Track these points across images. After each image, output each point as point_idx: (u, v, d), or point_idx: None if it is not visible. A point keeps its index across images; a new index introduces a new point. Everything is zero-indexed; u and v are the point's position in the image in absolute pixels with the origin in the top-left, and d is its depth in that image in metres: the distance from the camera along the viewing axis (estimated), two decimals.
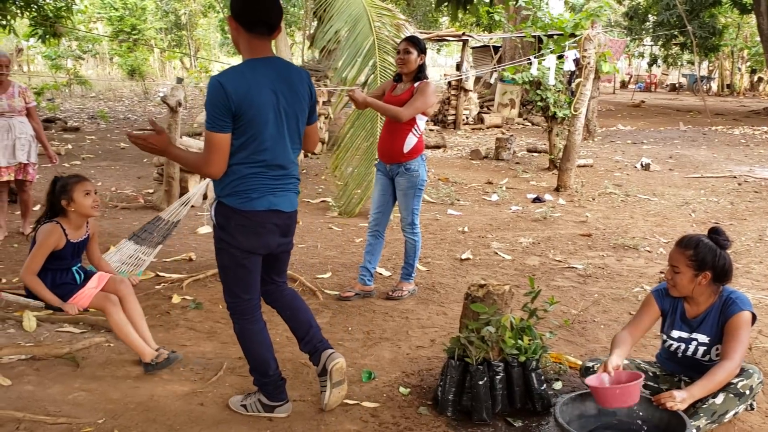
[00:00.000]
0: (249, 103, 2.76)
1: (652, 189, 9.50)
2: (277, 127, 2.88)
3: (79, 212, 3.63)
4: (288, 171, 2.98)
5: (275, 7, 2.88)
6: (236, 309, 3.09)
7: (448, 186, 9.45)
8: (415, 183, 4.74)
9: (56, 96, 21.88)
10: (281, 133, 2.90)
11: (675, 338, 3.17)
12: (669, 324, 3.21)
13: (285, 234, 3.09)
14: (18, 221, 6.48)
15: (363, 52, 6.94)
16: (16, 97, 5.94)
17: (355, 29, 6.95)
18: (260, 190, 2.88)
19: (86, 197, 3.62)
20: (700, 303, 3.10)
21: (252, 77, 2.79)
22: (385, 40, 7.08)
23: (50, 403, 3.25)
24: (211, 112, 2.75)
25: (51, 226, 3.61)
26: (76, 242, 3.69)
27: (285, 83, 2.89)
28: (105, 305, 3.60)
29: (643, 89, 34.93)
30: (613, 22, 32.62)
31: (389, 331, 4.37)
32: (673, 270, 3.07)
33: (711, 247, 3.00)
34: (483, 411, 3.17)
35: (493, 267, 5.81)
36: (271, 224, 2.95)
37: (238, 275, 3.01)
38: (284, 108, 2.89)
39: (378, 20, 7.17)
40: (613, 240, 6.69)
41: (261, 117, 2.81)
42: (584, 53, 8.95)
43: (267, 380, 3.16)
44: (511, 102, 18.84)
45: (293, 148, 2.99)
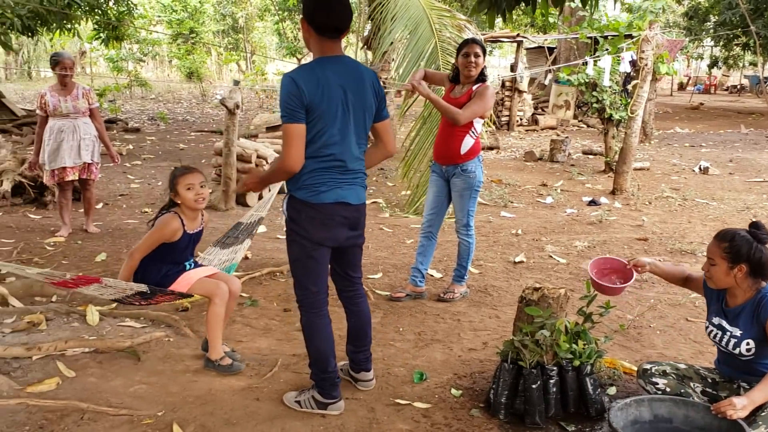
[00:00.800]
0: (319, 98, 2.89)
1: (711, 193, 9.26)
2: (345, 122, 3.00)
3: (186, 205, 3.63)
4: (354, 165, 3.09)
5: (345, 12, 3.00)
6: (305, 301, 3.19)
7: (502, 188, 9.39)
8: (472, 184, 4.73)
9: (117, 97, 22.52)
10: (348, 129, 3.02)
11: (715, 325, 3.16)
12: (712, 311, 3.21)
13: (354, 227, 3.19)
14: (81, 218, 6.71)
15: (426, 55, 6.93)
16: (80, 99, 6.15)
17: (416, 32, 6.94)
18: (328, 183, 3.00)
19: (188, 191, 3.60)
20: (737, 296, 3.08)
21: (322, 74, 2.92)
22: (447, 42, 7.06)
23: (112, 395, 3.36)
24: (287, 106, 2.87)
25: (170, 216, 3.60)
26: (193, 233, 3.69)
27: (353, 80, 3.01)
28: (214, 292, 3.59)
29: (702, 91, 34.01)
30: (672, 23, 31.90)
31: (441, 332, 4.38)
32: (709, 263, 3.06)
33: (747, 240, 2.96)
34: (536, 415, 3.16)
35: (547, 270, 5.76)
36: (340, 216, 3.07)
37: (308, 267, 3.12)
38: (352, 104, 3.01)
39: (438, 22, 7.16)
40: (670, 245, 6.56)
41: (330, 113, 2.94)
42: (641, 54, 8.79)
43: (325, 376, 3.22)
44: (566, 103, 18.58)
45: (359, 144, 3.11)
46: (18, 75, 32.32)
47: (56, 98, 6.05)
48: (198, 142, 14.19)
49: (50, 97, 6.04)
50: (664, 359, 3.97)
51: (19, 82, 30.42)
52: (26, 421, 3.05)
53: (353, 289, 3.41)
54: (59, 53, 6.25)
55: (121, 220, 7.22)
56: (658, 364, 3.30)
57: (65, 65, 6.09)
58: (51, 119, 6.06)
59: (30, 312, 4.24)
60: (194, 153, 12.59)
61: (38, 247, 5.88)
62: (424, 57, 6.93)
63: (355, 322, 3.44)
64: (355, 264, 3.38)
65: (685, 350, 4.17)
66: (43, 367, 3.59)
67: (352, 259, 3.35)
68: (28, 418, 3.07)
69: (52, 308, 4.34)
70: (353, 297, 3.42)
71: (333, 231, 3.08)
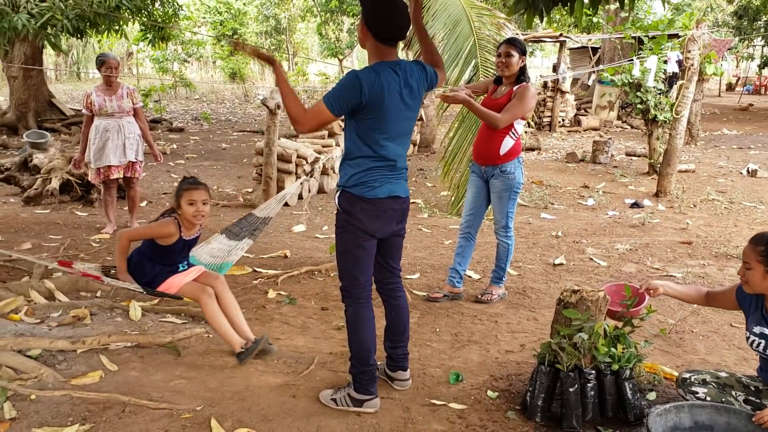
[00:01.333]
0: (379, 101, 3.02)
1: (759, 196, 9.03)
2: (398, 125, 3.14)
3: (185, 217, 3.77)
4: (402, 163, 3.26)
5: (404, 21, 3.13)
6: (352, 292, 3.26)
7: (542, 189, 9.31)
8: (511, 186, 4.70)
9: (162, 98, 22.93)
10: (400, 130, 3.17)
11: (757, 334, 3.07)
12: (751, 320, 3.12)
13: (401, 219, 3.33)
14: (126, 216, 6.85)
15: (464, 53, 6.93)
16: (125, 99, 6.28)
17: (455, 30, 6.95)
18: (380, 180, 3.15)
19: (189, 206, 3.72)
20: None
21: (384, 78, 3.03)
22: (486, 40, 7.04)
23: (153, 389, 3.42)
24: (338, 95, 2.99)
25: (170, 220, 3.75)
26: (188, 239, 3.83)
27: (407, 85, 3.13)
28: (199, 296, 3.75)
29: (751, 92, 33.18)
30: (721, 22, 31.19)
31: (478, 334, 4.36)
32: (745, 266, 2.99)
33: None
34: (573, 418, 3.12)
35: (587, 273, 5.69)
36: (391, 209, 3.22)
37: (358, 256, 3.21)
38: (405, 107, 3.14)
39: (478, 20, 7.14)
40: (716, 248, 6.42)
41: (386, 115, 3.07)
42: (687, 54, 8.62)
43: (365, 369, 3.27)
44: (609, 104, 18.29)
45: (405, 143, 3.26)
46: (67, 76, 33.12)
47: (102, 98, 6.18)
48: (240, 141, 14.38)
49: (96, 97, 6.18)
50: (706, 365, 3.90)
51: (68, 82, 31.17)
52: (70, 412, 3.13)
53: (394, 282, 3.48)
54: (105, 54, 6.39)
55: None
56: (697, 372, 3.23)
57: (111, 65, 6.23)
58: (97, 119, 6.20)
59: (75, 307, 4.34)
60: (236, 153, 12.76)
61: (84, 244, 6.03)
62: (462, 55, 6.92)
63: (394, 316, 3.49)
64: (397, 255, 3.47)
65: (728, 357, 4.08)
66: (87, 361, 3.67)
67: (396, 250, 3.44)
68: (71, 409, 3.15)
69: (96, 303, 4.44)
70: (394, 290, 3.48)
71: (385, 223, 3.21)
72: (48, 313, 4.26)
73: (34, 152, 8.35)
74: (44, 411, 3.12)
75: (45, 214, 7.18)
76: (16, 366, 3.46)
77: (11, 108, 14.10)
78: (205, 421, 3.11)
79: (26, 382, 3.35)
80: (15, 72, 13.78)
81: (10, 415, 3.06)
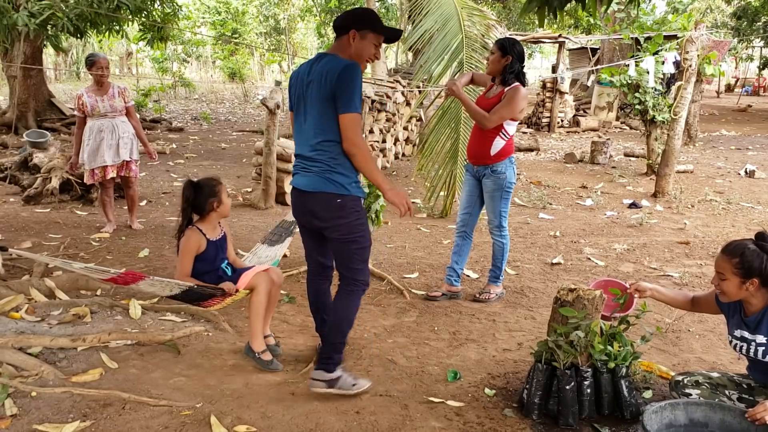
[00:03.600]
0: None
1: (757, 197, 9.06)
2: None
3: (221, 213, 3.79)
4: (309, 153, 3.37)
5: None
6: (366, 278, 3.44)
7: (540, 189, 9.33)
8: (502, 185, 4.73)
9: (162, 98, 22.93)
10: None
11: (738, 337, 3.09)
12: (732, 324, 3.14)
13: (313, 214, 3.40)
14: (125, 215, 6.87)
15: (451, 50, 6.99)
16: (116, 98, 6.27)
17: (444, 27, 7.03)
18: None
19: (228, 198, 3.84)
20: (754, 304, 3.01)
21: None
22: (474, 38, 7.11)
23: (153, 386, 3.45)
24: (359, 94, 3.16)
25: (189, 231, 3.73)
26: (216, 240, 3.81)
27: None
28: (259, 282, 3.71)
29: (750, 93, 33.20)
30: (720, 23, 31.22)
31: (475, 332, 4.39)
32: (719, 277, 2.98)
33: (758, 254, 2.89)
34: (569, 416, 3.15)
35: (585, 273, 5.72)
36: (295, 200, 3.49)
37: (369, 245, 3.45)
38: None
39: (468, 19, 7.20)
40: (713, 249, 6.44)
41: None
42: (685, 55, 8.65)
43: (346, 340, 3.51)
44: (608, 105, 18.37)
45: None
46: (67, 75, 33.13)
47: (93, 99, 6.17)
48: (239, 141, 14.40)
49: (87, 98, 6.17)
50: (702, 364, 3.93)
51: (68, 82, 31.16)
52: (71, 409, 3.15)
53: (340, 282, 3.48)
54: (95, 54, 6.35)
55: (164, 217, 7.38)
56: (690, 374, 3.25)
57: (101, 65, 6.21)
58: (90, 119, 6.19)
59: (76, 305, 4.37)
60: (235, 152, 12.78)
61: (84, 243, 6.05)
62: (449, 51, 6.99)
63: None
64: (336, 256, 3.48)
65: (724, 355, 4.11)
66: (87, 358, 3.70)
67: (333, 249, 3.49)
68: (72, 406, 3.18)
69: (96, 301, 4.46)
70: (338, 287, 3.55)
71: (296, 212, 3.50)
72: (48, 311, 4.28)
73: (34, 152, 8.38)
74: (45, 408, 3.14)
75: (45, 213, 7.20)
76: (16, 363, 3.49)
77: (11, 107, 14.11)
78: (205, 419, 3.13)
79: (27, 380, 3.38)
80: (15, 71, 13.80)
81: (11, 411, 3.09)
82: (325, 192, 3.25)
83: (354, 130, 3.15)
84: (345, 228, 3.30)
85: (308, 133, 3.28)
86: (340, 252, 3.40)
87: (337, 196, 3.25)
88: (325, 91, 3.16)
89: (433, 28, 6.99)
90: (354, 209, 3.30)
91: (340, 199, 3.25)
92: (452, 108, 6.88)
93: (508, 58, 4.61)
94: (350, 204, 3.28)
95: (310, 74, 3.26)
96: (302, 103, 3.32)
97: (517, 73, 4.65)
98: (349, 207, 3.27)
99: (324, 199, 3.26)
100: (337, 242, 3.37)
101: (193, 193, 3.73)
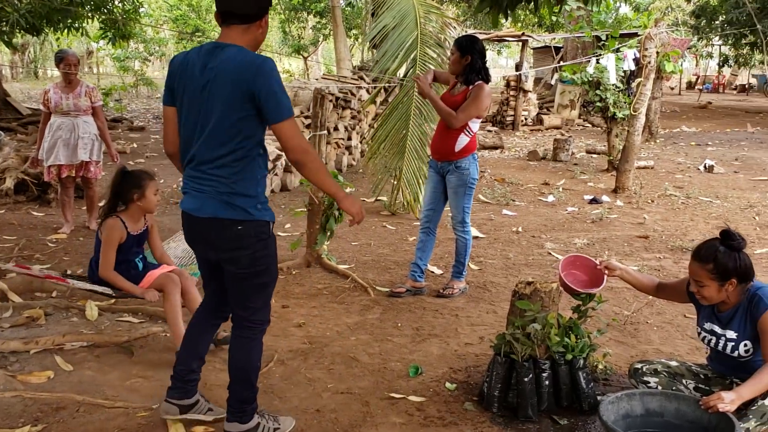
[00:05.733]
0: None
1: (715, 191, 9.23)
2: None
3: (144, 208, 3.77)
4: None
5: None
6: (267, 318, 2.98)
7: (504, 186, 9.39)
8: (465, 181, 4.75)
9: (123, 97, 22.61)
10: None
11: (707, 330, 3.14)
12: (702, 317, 3.19)
13: (211, 245, 2.86)
14: (84, 215, 6.75)
15: (406, 46, 7.00)
16: (83, 97, 6.16)
17: (402, 24, 7.04)
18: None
19: (155, 196, 3.80)
20: (728, 300, 3.05)
21: None
22: (429, 36, 7.13)
23: (109, 388, 3.39)
24: (286, 93, 2.66)
25: (112, 221, 3.73)
26: (137, 234, 3.81)
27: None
28: (167, 284, 3.71)
29: (710, 90, 33.87)
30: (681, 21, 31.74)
31: (438, 327, 4.39)
32: (697, 284, 3.01)
33: (729, 254, 2.93)
34: (528, 408, 3.17)
35: (545, 267, 5.77)
36: (187, 226, 2.90)
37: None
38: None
39: (424, 16, 7.22)
40: (671, 242, 6.54)
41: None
42: (644, 52, 8.76)
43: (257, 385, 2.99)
44: (571, 103, 18.56)
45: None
46: (24, 74, 32.48)
47: (59, 95, 6.07)
48: None
49: (53, 94, 6.07)
50: (660, 355, 3.98)
51: (25, 81, 30.56)
52: (21, 413, 3.08)
53: (233, 325, 2.95)
54: (63, 50, 6.27)
55: None
56: (649, 362, 3.29)
57: (69, 62, 6.11)
58: (53, 116, 6.08)
59: (29, 307, 4.27)
60: None
61: (40, 244, 5.92)
62: (404, 47, 6.98)
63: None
64: (233, 294, 2.89)
65: (681, 346, 4.17)
66: (40, 361, 3.61)
67: (230, 286, 2.89)
68: (23, 410, 3.10)
69: (51, 303, 4.37)
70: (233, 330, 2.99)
71: (192, 241, 2.91)
72: (0, 314, 4.18)
73: None
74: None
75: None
76: None
77: None
78: (162, 420, 3.08)
79: None
80: None
81: None
82: (220, 218, 2.68)
83: (299, 136, 2.66)
84: (246, 260, 2.74)
85: (204, 142, 2.66)
86: (238, 288, 2.83)
87: (237, 222, 2.68)
88: (236, 94, 2.58)
89: (391, 24, 7.00)
90: (259, 237, 2.73)
91: (240, 226, 2.68)
92: (404, 103, 6.89)
93: (467, 57, 4.63)
94: (254, 231, 2.72)
95: (207, 70, 2.63)
96: (194, 103, 2.67)
97: (479, 70, 4.66)
98: (253, 235, 2.71)
99: (220, 226, 2.69)
100: (235, 276, 2.79)
101: (119, 182, 3.73)
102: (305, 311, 4.62)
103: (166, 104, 2.82)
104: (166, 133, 2.86)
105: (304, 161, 2.68)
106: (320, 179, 2.77)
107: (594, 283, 3.44)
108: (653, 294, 3.47)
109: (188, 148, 2.74)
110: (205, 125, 2.65)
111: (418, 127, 6.78)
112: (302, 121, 9.42)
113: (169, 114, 2.81)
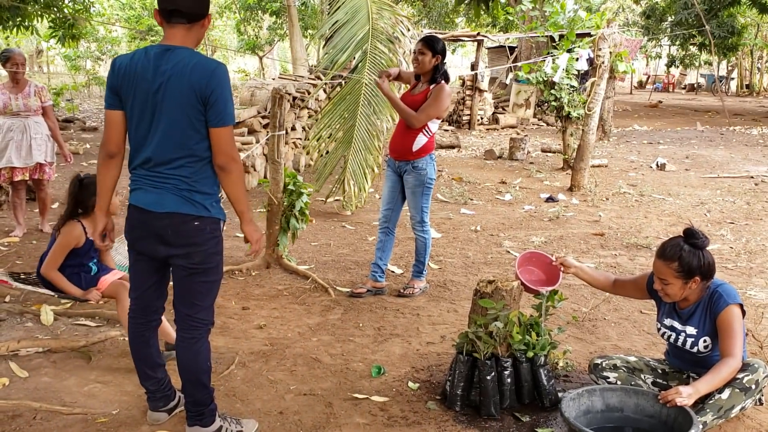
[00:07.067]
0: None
1: (668, 189, 9.45)
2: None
3: (109, 212, 3.68)
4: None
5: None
6: (212, 318, 2.96)
7: (462, 185, 9.46)
8: (423, 181, 4.77)
9: (75, 96, 22.12)
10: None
11: (667, 326, 3.23)
12: (662, 312, 3.27)
13: (163, 239, 2.85)
14: (36, 219, 6.58)
15: (356, 40, 7.03)
16: (32, 97, 6.00)
17: (353, 19, 7.07)
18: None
19: (115, 197, 3.69)
20: (689, 297, 3.14)
21: None
22: (380, 31, 7.16)
23: (66, 394, 3.32)
24: (233, 101, 2.73)
25: (72, 224, 3.70)
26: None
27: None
28: (119, 291, 3.68)
29: (661, 89, 34.70)
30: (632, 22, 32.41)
31: (400, 327, 4.41)
32: (662, 282, 3.09)
33: (693, 253, 3.02)
34: (491, 406, 3.20)
35: (504, 265, 5.83)
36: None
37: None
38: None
39: (377, 13, 7.25)
40: (626, 239, 6.68)
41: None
42: (598, 52, 8.93)
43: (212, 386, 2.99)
44: (526, 102, 18.78)
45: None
46: None
47: (7, 96, 5.91)
48: None
49: (1, 95, 5.90)
50: (618, 351, 4.06)
51: None
52: None
53: (180, 326, 2.92)
54: (9, 50, 6.10)
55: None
56: (608, 358, 3.36)
57: (16, 61, 5.94)
58: (1, 117, 5.91)
59: None
60: None
61: None
62: (355, 41, 7.01)
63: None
64: (180, 293, 2.86)
65: (638, 342, 4.26)
66: None
67: (178, 285, 2.87)
68: None
69: (5, 308, 4.26)
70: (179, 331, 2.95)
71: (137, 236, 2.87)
72: None
73: None
74: None
75: None
76: None
77: None
78: (121, 425, 3.03)
79: None
80: None
81: None
82: (180, 213, 2.70)
83: (232, 144, 2.70)
84: (198, 256, 2.76)
85: (159, 144, 2.67)
86: (186, 285, 2.82)
87: (195, 218, 2.72)
88: (191, 96, 2.60)
89: (343, 19, 7.03)
90: (212, 234, 2.79)
91: (198, 221, 2.73)
92: (352, 94, 6.90)
93: (438, 57, 4.65)
94: (209, 228, 2.77)
95: (160, 73, 2.61)
96: (147, 106, 2.66)
97: (443, 71, 4.70)
98: (208, 231, 2.76)
99: (178, 221, 2.70)
100: (184, 273, 2.79)
101: (78, 190, 3.70)
102: (266, 313, 4.59)
103: (111, 108, 2.76)
104: (110, 136, 2.80)
105: (231, 168, 2.72)
106: (238, 192, 2.77)
107: (551, 281, 3.52)
108: (610, 291, 3.55)
109: (141, 150, 2.74)
110: (160, 127, 2.66)
111: (366, 117, 6.79)
112: (260, 120, 9.34)
113: (116, 117, 2.76)
